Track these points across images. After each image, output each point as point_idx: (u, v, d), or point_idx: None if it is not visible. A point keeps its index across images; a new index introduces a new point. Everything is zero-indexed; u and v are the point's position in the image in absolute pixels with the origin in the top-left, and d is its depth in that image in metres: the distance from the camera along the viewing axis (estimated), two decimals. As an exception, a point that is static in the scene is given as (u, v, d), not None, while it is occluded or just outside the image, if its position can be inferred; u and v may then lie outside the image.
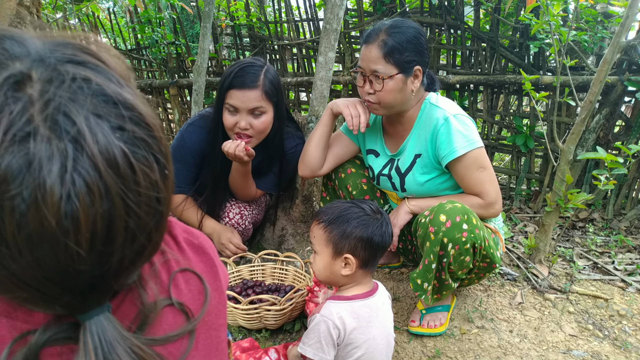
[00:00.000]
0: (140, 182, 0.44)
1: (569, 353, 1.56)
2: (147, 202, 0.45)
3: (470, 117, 1.58)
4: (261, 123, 1.74)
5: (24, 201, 0.39)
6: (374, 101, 1.55)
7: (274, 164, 1.98)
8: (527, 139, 2.80)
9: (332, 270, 1.22)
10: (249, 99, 1.68)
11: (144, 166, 0.44)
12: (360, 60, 1.55)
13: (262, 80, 1.70)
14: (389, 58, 1.46)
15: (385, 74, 1.47)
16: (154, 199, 0.46)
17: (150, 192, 0.45)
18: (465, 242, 1.39)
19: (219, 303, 0.65)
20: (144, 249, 0.48)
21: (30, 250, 0.40)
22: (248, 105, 1.69)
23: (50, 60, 0.43)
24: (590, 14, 2.52)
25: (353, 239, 1.19)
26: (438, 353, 1.56)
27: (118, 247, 0.44)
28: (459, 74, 2.90)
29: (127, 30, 4.26)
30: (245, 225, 2.03)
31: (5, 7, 1.99)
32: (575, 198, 1.86)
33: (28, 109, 0.40)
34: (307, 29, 3.63)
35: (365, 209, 1.24)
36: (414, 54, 1.49)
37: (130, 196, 0.43)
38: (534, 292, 1.91)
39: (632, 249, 2.33)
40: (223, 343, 0.66)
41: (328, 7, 2.09)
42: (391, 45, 1.46)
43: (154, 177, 0.46)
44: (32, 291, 0.44)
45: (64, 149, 0.40)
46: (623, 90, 2.50)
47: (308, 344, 1.16)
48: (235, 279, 1.92)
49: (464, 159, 1.51)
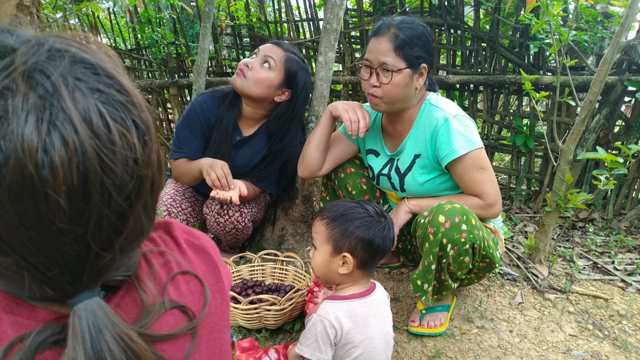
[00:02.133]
0: (116, 142, 0.45)
1: (569, 353, 1.56)
2: (124, 162, 0.46)
3: (470, 118, 1.58)
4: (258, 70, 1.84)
5: (2, 151, 0.40)
6: (379, 95, 1.53)
7: (276, 163, 1.99)
8: (527, 139, 2.80)
9: (329, 267, 1.22)
10: (268, 48, 1.88)
11: (120, 127, 0.46)
12: (369, 52, 1.54)
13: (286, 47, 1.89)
14: (399, 51, 1.47)
15: (395, 66, 1.48)
16: (131, 159, 0.46)
17: (127, 153, 0.46)
18: (464, 242, 1.39)
19: (221, 304, 0.65)
20: (126, 216, 0.48)
21: (12, 202, 0.41)
22: (266, 52, 1.87)
23: (38, 39, 0.46)
24: (590, 14, 2.52)
25: (354, 238, 1.19)
26: (438, 353, 1.56)
27: (95, 205, 0.44)
28: (459, 74, 2.90)
29: (127, 30, 4.26)
30: (245, 223, 2.03)
31: (5, 7, 1.99)
32: (575, 198, 1.86)
33: (8, 67, 0.42)
34: (307, 29, 3.63)
35: (370, 210, 1.24)
36: (422, 51, 1.50)
37: (105, 152, 0.44)
38: (534, 292, 1.91)
39: (632, 249, 2.33)
40: (227, 345, 0.66)
41: (328, 7, 2.09)
42: (402, 38, 1.47)
43: (131, 139, 0.46)
44: (18, 258, 0.44)
45: (41, 104, 0.42)
46: (623, 90, 2.50)
47: (305, 344, 1.16)
48: (235, 278, 1.92)
49: (464, 159, 1.51)
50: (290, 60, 1.86)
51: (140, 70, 4.05)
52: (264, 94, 1.85)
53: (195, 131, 1.94)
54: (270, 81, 1.83)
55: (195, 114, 1.94)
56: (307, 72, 1.92)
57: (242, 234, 2.05)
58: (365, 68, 1.55)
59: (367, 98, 1.60)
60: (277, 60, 1.84)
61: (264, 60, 1.84)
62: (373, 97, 1.56)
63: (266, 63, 1.84)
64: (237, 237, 2.07)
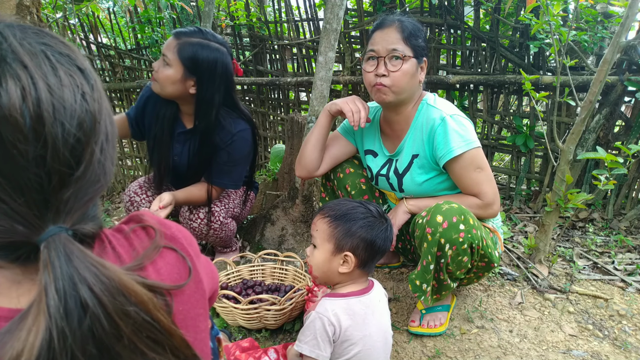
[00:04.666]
0: (61, 76, 0.51)
1: (568, 353, 1.56)
2: (71, 92, 0.51)
3: (467, 118, 1.58)
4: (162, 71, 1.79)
5: None
6: (387, 84, 1.52)
7: (216, 153, 1.94)
8: (527, 139, 2.80)
9: (329, 266, 1.22)
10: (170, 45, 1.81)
11: (66, 67, 0.52)
12: (374, 44, 1.54)
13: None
14: (407, 41, 1.51)
15: (404, 53, 1.50)
16: (78, 93, 0.52)
17: (74, 87, 0.52)
18: (462, 242, 1.39)
19: (195, 292, 0.65)
20: (81, 147, 0.52)
21: None
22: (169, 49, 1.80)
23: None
24: (590, 14, 2.52)
25: (357, 238, 1.19)
26: (438, 353, 1.56)
27: (49, 129, 0.48)
28: (459, 74, 2.90)
29: (127, 30, 4.26)
30: (221, 220, 2.01)
31: (5, 7, 1.99)
32: (575, 198, 1.85)
33: None
34: (307, 28, 3.63)
35: (372, 211, 1.24)
36: (425, 43, 1.57)
37: (51, 80, 0.50)
38: (534, 292, 1.91)
39: (632, 249, 2.33)
40: (203, 333, 0.66)
41: (328, 7, 2.09)
42: (410, 29, 1.52)
43: (78, 79, 0.53)
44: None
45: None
46: (623, 90, 2.50)
47: (304, 341, 1.17)
48: (235, 278, 1.92)
49: (461, 159, 1.51)
50: (183, 46, 1.75)
51: (140, 70, 4.05)
52: (176, 92, 1.81)
53: (140, 104, 2.01)
54: (172, 78, 1.77)
55: (151, 97, 1.97)
56: (211, 48, 1.77)
57: (222, 232, 2.03)
58: (370, 60, 1.55)
59: (372, 91, 1.58)
60: (171, 53, 1.75)
61: (162, 59, 1.78)
62: (381, 86, 1.53)
63: (164, 61, 1.78)
64: (219, 236, 2.05)
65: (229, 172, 1.98)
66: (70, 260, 0.49)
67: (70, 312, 0.46)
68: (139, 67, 4.05)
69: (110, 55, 4.16)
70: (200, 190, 1.96)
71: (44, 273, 0.47)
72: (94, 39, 4.03)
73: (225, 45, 1.84)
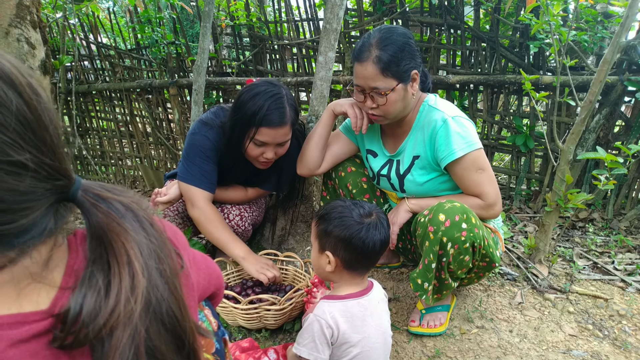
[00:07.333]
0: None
1: (568, 353, 1.56)
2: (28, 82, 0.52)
3: (469, 119, 1.58)
4: (284, 149, 1.78)
5: None
6: (379, 114, 1.55)
7: (277, 164, 1.97)
8: (527, 139, 2.80)
9: (319, 264, 1.25)
10: (280, 134, 1.69)
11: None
12: (357, 78, 1.51)
13: (289, 113, 1.68)
14: (386, 72, 1.44)
15: (386, 88, 1.46)
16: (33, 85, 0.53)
17: (32, 82, 0.52)
18: (464, 241, 1.39)
19: (184, 285, 0.65)
20: (52, 130, 0.53)
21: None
22: (278, 140, 1.71)
23: None
24: (590, 14, 2.52)
25: (333, 237, 1.19)
26: (438, 353, 1.56)
27: (23, 95, 0.50)
28: (459, 74, 2.90)
29: (127, 30, 4.26)
30: (245, 226, 2.03)
31: (5, 7, 1.99)
32: (575, 198, 1.85)
33: None
34: (307, 28, 3.63)
35: (355, 210, 1.21)
36: (409, 61, 1.47)
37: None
38: (534, 292, 1.91)
39: (632, 248, 2.33)
40: None
41: (328, 7, 2.09)
42: (386, 59, 1.43)
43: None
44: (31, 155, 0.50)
45: None
46: (623, 90, 2.50)
47: (302, 344, 1.17)
48: (235, 278, 1.92)
49: (463, 160, 1.51)
50: (292, 114, 1.72)
51: (140, 70, 4.04)
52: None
53: (213, 160, 1.86)
54: (290, 138, 1.77)
55: (211, 145, 1.83)
56: (289, 96, 1.73)
57: (241, 237, 2.05)
58: (358, 92, 1.55)
59: (367, 115, 1.63)
60: (288, 132, 1.72)
61: (279, 144, 1.74)
62: (374, 116, 1.58)
63: (283, 143, 1.75)
64: None
65: (278, 182, 2.05)
66: (106, 199, 0.56)
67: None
68: (139, 67, 4.05)
69: (110, 55, 4.16)
70: (241, 191, 2.03)
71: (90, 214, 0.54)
72: (94, 39, 4.03)
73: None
